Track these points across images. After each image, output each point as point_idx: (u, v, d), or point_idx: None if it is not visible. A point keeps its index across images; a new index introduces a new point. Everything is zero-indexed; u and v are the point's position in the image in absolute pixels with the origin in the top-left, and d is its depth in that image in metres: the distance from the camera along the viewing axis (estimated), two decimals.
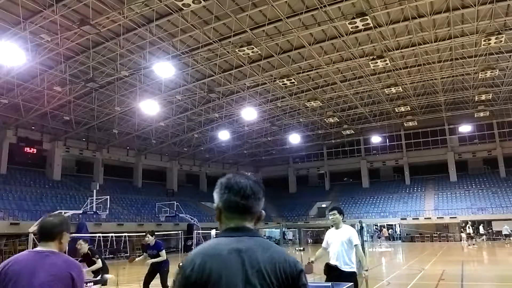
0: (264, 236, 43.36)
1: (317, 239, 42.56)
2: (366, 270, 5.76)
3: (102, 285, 8.27)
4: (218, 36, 22.33)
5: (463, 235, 32.17)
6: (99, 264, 8.42)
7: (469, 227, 30.29)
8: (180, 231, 28.57)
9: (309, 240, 42.58)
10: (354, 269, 5.59)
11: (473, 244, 28.13)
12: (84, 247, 8.57)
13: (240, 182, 1.63)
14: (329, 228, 6.10)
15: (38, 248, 2.48)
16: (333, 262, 5.61)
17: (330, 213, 5.83)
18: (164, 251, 9.21)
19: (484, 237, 32.96)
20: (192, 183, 49.72)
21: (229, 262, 1.47)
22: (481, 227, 33.41)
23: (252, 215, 1.62)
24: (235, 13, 20.34)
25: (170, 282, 8.52)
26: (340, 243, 5.59)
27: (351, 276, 5.48)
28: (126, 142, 38.40)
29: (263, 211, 1.67)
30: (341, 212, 5.78)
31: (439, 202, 41.33)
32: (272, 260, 1.49)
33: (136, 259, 9.87)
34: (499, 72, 27.67)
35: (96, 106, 29.19)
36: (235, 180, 1.63)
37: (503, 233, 29.65)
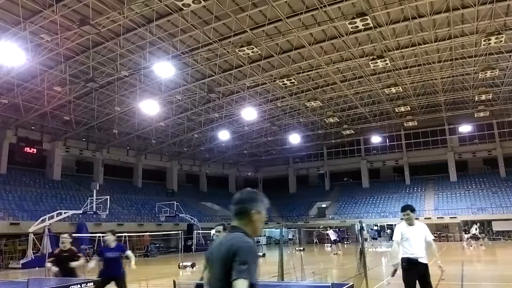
0: (265, 235, 43.33)
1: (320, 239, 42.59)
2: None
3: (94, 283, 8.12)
4: (218, 36, 22.33)
5: (466, 235, 32.08)
6: (81, 262, 7.99)
7: (476, 228, 29.74)
8: (180, 231, 28.49)
9: (315, 240, 42.19)
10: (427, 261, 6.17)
11: (480, 245, 27.75)
12: (67, 241, 8.07)
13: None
14: (399, 224, 6.66)
15: None
16: (413, 255, 6.11)
17: (403, 213, 6.29)
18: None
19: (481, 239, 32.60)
20: (192, 183, 49.73)
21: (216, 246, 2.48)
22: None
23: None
24: (235, 13, 20.34)
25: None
26: (418, 238, 6.15)
27: (427, 267, 6.11)
28: (126, 142, 38.41)
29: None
30: (413, 210, 6.30)
31: (439, 202, 41.31)
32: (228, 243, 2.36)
33: (89, 265, 8.09)
34: (499, 72, 27.66)
35: (96, 106, 29.20)
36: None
37: (472, 233, 29.08)
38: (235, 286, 2.18)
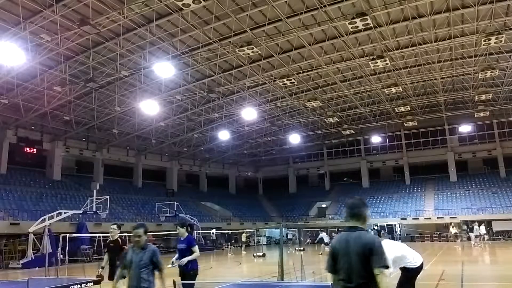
0: (265, 235, 43.30)
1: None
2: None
3: (95, 283, 8.12)
4: (218, 36, 22.33)
5: (472, 235, 32.40)
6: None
7: (476, 229, 30.16)
8: None
9: (308, 241, 42.17)
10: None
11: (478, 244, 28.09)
12: (115, 232, 8.06)
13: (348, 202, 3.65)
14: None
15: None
16: None
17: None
18: (197, 247, 7.48)
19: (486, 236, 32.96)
20: (192, 183, 49.73)
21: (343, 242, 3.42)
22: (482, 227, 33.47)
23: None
24: (235, 13, 20.34)
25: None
26: None
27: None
28: (126, 142, 38.40)
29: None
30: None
31: (439, 202, 41.31)
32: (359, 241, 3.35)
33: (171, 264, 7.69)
34: (499, 72, 27.65)
35: (96, 106, 29.19)
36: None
37: (474, 233, 29.64)
38: (382, 272, 3.18)
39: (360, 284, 3.23)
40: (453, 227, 32.12)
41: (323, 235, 28.71)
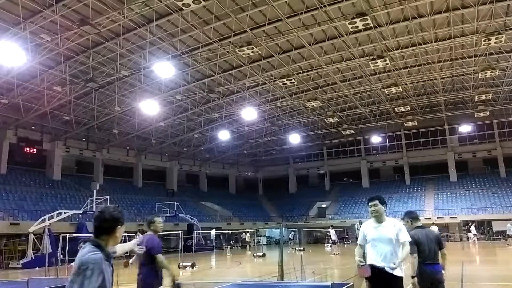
0: (265, 235, 43.25)
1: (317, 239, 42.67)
2: (413, 277, 5.15)
3: None
4: (218, 36, 22.33)
5: (470, 234, 32.37)
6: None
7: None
8: (180, 231, 28.54)
9: (337, 241, 40.43)
10: (402, 272, 4.58)
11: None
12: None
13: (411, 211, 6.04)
14: (363, 221, 5.37)
15: None
16: (378, 263, 4.57)
17: (370, 203, 4.81)
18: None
19: (475, 237, 33.22)
20: (192, 183, 49.71)
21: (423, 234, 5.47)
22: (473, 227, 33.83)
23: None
24: (235, 13, 20.35)
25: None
26: (387, 240, 4.61)
27: (400, 281, 4.54)
28: (126, 142, 38.40)
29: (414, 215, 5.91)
30: (383, 202, 4.83)
31: (439, 202, 41.31)
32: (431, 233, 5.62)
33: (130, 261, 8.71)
34: (499, 72, 27.66)
35: (96, 106, 29.20)
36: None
37: (507, 233, 29.98)
38: (445, 249, 5.58)
39: (433, 257, 5.33)
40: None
41: (332, 232, 28.41)
